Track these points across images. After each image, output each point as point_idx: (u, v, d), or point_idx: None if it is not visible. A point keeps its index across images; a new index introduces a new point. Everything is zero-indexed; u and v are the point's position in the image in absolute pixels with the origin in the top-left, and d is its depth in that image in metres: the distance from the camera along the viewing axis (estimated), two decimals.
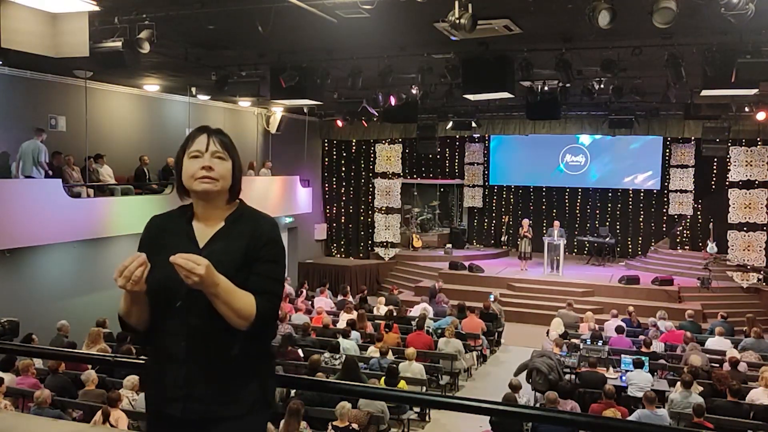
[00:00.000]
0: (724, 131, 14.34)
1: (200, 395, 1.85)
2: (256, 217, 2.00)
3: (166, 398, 1.88)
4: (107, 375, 8.27)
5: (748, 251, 16.09)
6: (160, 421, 1.93)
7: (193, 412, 1.85)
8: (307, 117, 17.63)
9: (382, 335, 10.31)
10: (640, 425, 3.34)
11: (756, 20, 5.65)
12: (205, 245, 1.93)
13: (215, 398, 1.86)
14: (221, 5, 6.62)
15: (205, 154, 1.92)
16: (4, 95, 10.55)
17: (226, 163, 1.95)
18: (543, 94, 11.14)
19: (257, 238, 1.93)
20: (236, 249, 1.90)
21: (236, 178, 1.97)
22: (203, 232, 1.96)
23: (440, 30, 6.50)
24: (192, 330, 1.85)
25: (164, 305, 1.88)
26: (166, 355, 1.89)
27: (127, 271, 1.73)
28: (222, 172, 1.93)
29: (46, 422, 3.55)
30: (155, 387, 1.94)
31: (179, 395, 1.85)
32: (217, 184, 1.92)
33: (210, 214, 1.98)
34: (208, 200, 1.96)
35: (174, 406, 1.86)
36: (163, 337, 1.90)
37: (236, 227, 1.95)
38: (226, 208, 1.99)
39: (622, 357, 9.65)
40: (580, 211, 20.23)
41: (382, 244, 19.39)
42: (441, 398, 4.30)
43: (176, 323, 1.87)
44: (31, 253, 10.47)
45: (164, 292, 1.85)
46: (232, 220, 1.97)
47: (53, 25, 5.61)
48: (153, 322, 1.93)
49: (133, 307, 1.87)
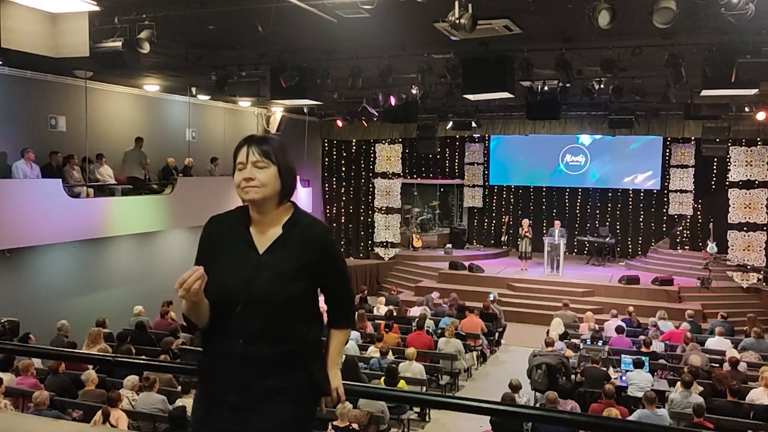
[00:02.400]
0: (724, 131, 14.35)
1: (255, 386, 2.01)
2: (311, 224, 2.13)
3: (222, 387, 2.03)
4: (107, 375, 8.27)
5: (748, 251, 16.08)
6: (217, 408, 2.06)
7: (248, 400, 2.01)
8: (307, 117, 17.63)
9: (382, 335, 10.31)
10: (640, 425, 3.34)
11: (756, 20, 5.65)
12: (265, 252, 2.06)
13: (268, 388, 2.01)
14: (221, 5, 6.62)
15: (248, 165, 2.04)
16: (4, 95, 10.55)
17: (268, 170, 2.04)
18: (543, 94, 11.14)
19: (318, 246, 2.09)
20: (294, 259, 2.04)
21: (284, 182, 2.07)
22: (261, 238, 2.09)
23: (440, 30, 6.50)
24: (250, 332, 2.00)
25: (224, 309, 2.02)
26: (226, 352, 2.03)
27: (186, 284, 1.88)
28: (264, 179, 2.03)
29: (46, 422, 3.55)
30: (214, 378, 2.07)
31: (236, 386, 2.01)
32: (260, 192, 2.03)
33: (264, 219, 2.09)
34: (258, 206, 2.07)
35: (231, 395, 2.01)
36: (223, 337, 2.04)
37: (293, 235, 2.08)
38: (281, 213, 2.11)
39: (622, 357, 9.65)
40: (580, 211, 20.23)
41: (382, 244, 19.39)
42: (441, 398, 4.31)
43: (235, 325, 2.01)
44: (31, 253, 10.48)
45: (225, 297, 2.00)
46: (289, 227, 2.09)
47: (53, 25, 5.60)
48: (213, 323, 2.06)
49: (194, 310, 2.02)
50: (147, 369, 6.88)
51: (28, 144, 10.50)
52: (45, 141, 11.10)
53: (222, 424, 2.04)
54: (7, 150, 10.45)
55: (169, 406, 7.24)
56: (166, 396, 7.50)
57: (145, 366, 5.66)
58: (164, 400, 7.36)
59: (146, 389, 7.44)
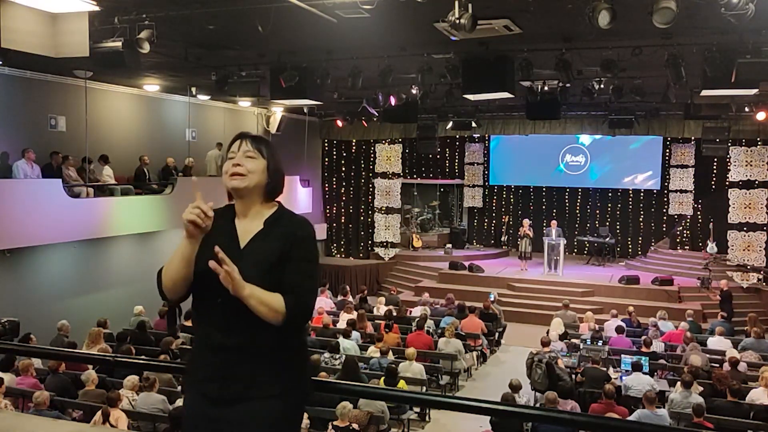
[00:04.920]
0: (724, 131, 14.35)
1: (234, 379, 2.03)
2: (293, 220, 2.17)
3: (205, 379, 2.07)
4: (107, 375, 8.27)
5: (748, 251, 16.08)
6: (198, 399, 2.10)
7: (227, 392, 2.03)
8: (307, 117, 17.63)
9: (382, 335, 10.31)
10: (640, 425, 3.34)
11: (756, 20, 5.65)
12: (246, 245, 2.10)
13: (248, 382, 2.03)
14: (221, 5, 6.62)
15: (237, 154, 2.12)
16: (4, 95, 10.55)
17: (257, 161, 2.11)
18: (543, 94, 11.13)
19: (292, 238, 2.09)
20: (272, 250, 2.06)
21: (272, 178, 2.14)
22: (245, 232, 2.12)
23: (440, 30, 6.49)
24: (230, 323, 2.03)
25: (206, 299, 2.07)
26: (207, 343, 2.08)
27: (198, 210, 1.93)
28: (251, 167, 2.09)
29: (46, 422, 3.55)
30: (196, 369, 2.13)
31: (216, 377, 2.04)
32: (245, 179, 2.09)
33: (248, 212, 2.14)
34: (242, 197, 2.13)
35: (211, 387, 2.05)
36: (205, 328, 2.10)
37: (274, 229, 2.11)
38: (265, 209, 2.16)
39: (622, 357, 9.65)
40: (580, 211, 20.23)
41: (382, 244, 19.39)
42: (441, 398, 4.30)
43: (217, 316, 2.05)
44: (31, 253, 10.48)
45: (208, 284, 2.00)
46: (271, 222, 2.13)
47: (53, 25, 5.60)
48: (197, 315, 2.14)
49: (175, 265, 2.04)
50: (147, 369, 6.88)
51: (28, 144, 10.51)
52: (45, 141, 11.10)
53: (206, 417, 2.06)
54: (8, 150, 10.46)
55: (169, 406, 7.24)
56: (166, 396, 7.50)
57: (145, 366, 5.65)
58: (164, 400, 7.36)
59: (146, 389, 7.44)
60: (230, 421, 2.03)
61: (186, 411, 2.18)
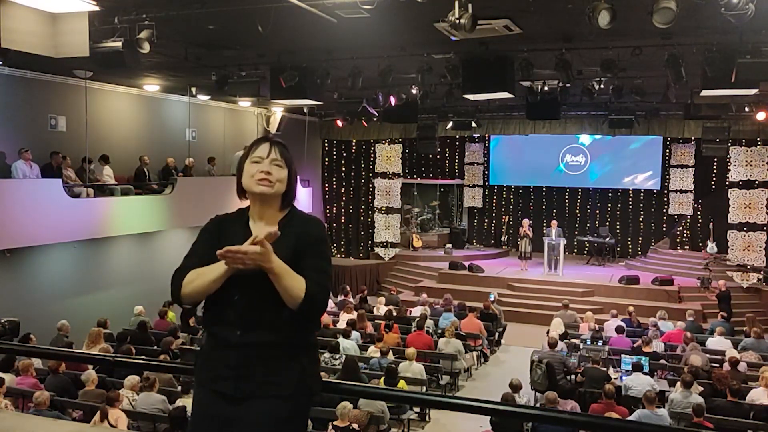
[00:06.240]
0: (724, 131, 14.34)
1: (249, 376, 2.06)
2: (305, 219, 2.23)
3: (219, 377, 2.09)
4: (107, 375, 8.27)
5: (748, 251, 16.08)
6: (212, 397, 2.11)
7: (242, 390, 2.06)
8: (307, 117, 17.63)
9: (382, 335, 10.31)
10: (640, 425, 3.34)
11: (756, 20, 5.64)
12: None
13: (262, 380, 2.06)
14: (221, 5, 6.62)
15: (265, 160, 2.16)
16: (4, 95, 10.55)
17: (283, 170, 2.18)
18: (543, 94, 11.13)
19: (305, 236, 2.15)
20: (286, 248, 2.07)
21: (290, 186, 2.21)
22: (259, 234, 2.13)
23: (440, 30, 6.49)
24: (247, 321, 2.07)
25: (223, 298, 2.09)
26: (223, 341, 2.10)
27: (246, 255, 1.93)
28: (279, 176, 2.16)
29: (46, 422, 3.55)
30: (210, 367, 2.14)
31: (231, 375, 2.07)
32: (273, 187, 2.15)
33: (264, 215, 2.20)
34: (264, 201, 2.18)
35: (226, 385, 2.07)
36: (222, 326, 2.11)
37: (287, 230, 2.14)
38: (280, 213, 2.22)
39: (622, 357, 9.65)
40: (580, 211, 20.23)
41: (382, 244, 19.38)
42: (441, 398, 4.30)
43: (233, 315, 2.08)
44: (31, 253, 10.48)
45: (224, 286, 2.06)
46: (284, 223, 2.18)
47: (53, 25, 5.60)
48: (212, 313, 2.15)
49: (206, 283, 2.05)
50: (147, 369, 6.88)
51: (29, 144, 10.50)
52: (45, 141, 11.10)
53: (217, 415, 2.08)
54: (7, 150, 10.46)
55: (169, 406, 7.24)
56: (166, 396, 7.50)
57: (145, 366, 5.65)
58: (164, 400, 7.36)
59: (146, 389, 7.44)
60: (243, 419, 2.05)
61: (195, 409, 2.19)
